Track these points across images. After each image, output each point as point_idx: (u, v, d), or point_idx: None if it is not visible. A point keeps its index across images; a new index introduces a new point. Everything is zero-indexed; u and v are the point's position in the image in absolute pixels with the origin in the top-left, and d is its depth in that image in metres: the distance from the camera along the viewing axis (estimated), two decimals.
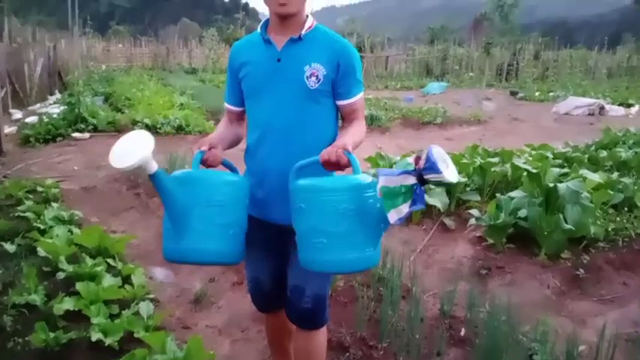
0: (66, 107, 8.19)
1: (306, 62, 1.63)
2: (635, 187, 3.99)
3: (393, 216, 1.37)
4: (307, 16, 1.69)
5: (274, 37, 1.68)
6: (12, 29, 10.96)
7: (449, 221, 3.95)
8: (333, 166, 1.51)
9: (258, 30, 1.72)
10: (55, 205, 4.26)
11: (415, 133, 8.99)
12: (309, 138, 1.66)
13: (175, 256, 1.58)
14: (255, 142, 1.73)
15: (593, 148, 5.85)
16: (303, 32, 1.65)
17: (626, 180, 4.07)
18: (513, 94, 17.67)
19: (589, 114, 12.24)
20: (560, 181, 3.33)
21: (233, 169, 1.78)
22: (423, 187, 1.37)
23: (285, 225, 1.70)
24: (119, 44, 26.11)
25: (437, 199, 3.84)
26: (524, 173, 3.63)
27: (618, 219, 3.65)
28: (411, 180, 1.35)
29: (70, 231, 3.66)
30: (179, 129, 7.93)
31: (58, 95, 12.23)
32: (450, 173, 1.33)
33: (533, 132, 8.99)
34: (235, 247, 1.61)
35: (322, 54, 1.64)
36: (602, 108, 12.57)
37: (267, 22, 1.72)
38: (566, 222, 3.12)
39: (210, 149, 1.64)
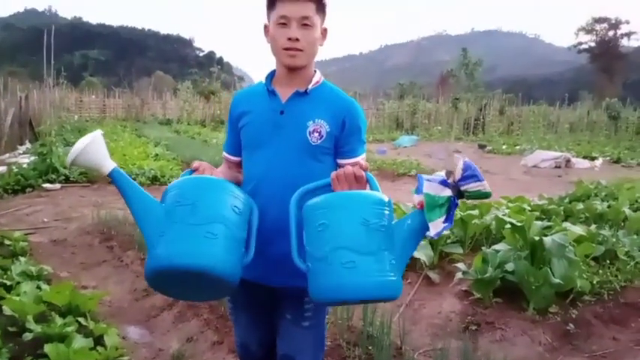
0: (37, 157, 7.99)
1: (310, 117, 1.57)
2: (614, 240, 4.05)
3: (432, 229, 1.30)
4: (315, 70, 1.65)
5: (279, 89, 1.62)
6: None
7: (433, 274, 3.91)
8: (345, 183, 1.41)
9: (263, 80, 1.68)
10: (22, 259, 4.04)
11: (391, 185, 9.06)
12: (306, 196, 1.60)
13: (150, 266, 1.36)
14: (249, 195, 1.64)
15: (567, 200, 5.97)
16: (310, 87, 1.60)
17: (604, 232, 4.13)
18: (482, 147, 18.20)
19: (556, 166, 12.64)
20: (545, 235, 3.35)
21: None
22: (457, 202, 1.31)
23: (276, 288, 1.63)
24: (92, 95, 26.01)
25: (421, 252, 3.81)
26: (507, 226, 3.65)
27: (601, 272, 3.67)
28: (447, 192, 1.29)
29: (39, 287, 3.45)
30: (154, 179, 7.80)
31: (28, 145, 11.97)
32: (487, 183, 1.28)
33: (506, 184, 9.18)
34: (212, 248, 1.33)
35: (327, 110, 1.59)
36: (568, 161, 13.02)
37: (272, 72, 1.67)
38: (554, 276, 3.11)
39: (200, 170, 1.59)
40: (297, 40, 1.52)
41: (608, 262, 3.84)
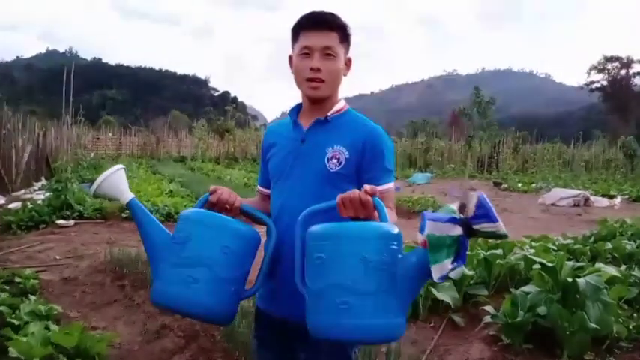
0: (51, 194, 7.99)
1: (329, 144, 1.55)
2: None
3: (436, 272, 1.17)
4: (341, 99, 1.63)
5: (303, 120, 1.63)
6: (2, 116, 11.00)
7: (458, 318, 3.72)
8: (351, 210, 1.31)
9: (287, 112, 1.69)
10: (32, 297, 3.95)
11: (407, 222, 8.83)
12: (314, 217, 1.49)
13: (152, 297, 1.44)
14: (269, 230, 1.59)
15: (592, 239, 5.77)
16: (330, 114, 1.58)
17: (636, 273, 3.93)
18: (497, 185, 18.01)
19: (574, 205, 12.39)
20: (578, 276, 3.17)
21: (257, 220, 1.59)
22: (468, 240, 1.18)
23: (296, 323, 1.49)
24: (109, 133, 26.45)
25: (446, 293, 3.63)
26: (536, 266, 3.48)
27: (636, 315, 3.46)
28: (458, 230, 1.16)
29: (47, 327, 3.33)
30: (168, 217, 7.72)
31: (44, 182, 12.07)
32: (502, 224, 1.15)
33: (525, 223, 8.97)
34: (216, 296, 1.37)
35: (347, 137, 1.55)
36: (586, 199, 12.77)
37: (299, 106, 1.67)
38: (589, 320, 2.92)
39: (217, 194, 1.52)
40: (319, 70, 1.52)
41: None
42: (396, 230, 1.28)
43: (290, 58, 1.61)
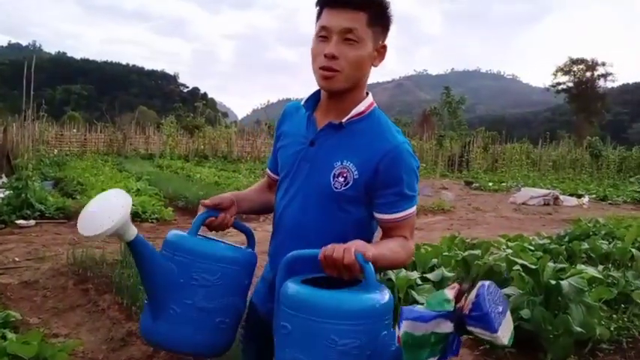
0: (11, 192, 7.58)
1: (337, 157, 1.31)
2: (625, 282, 3.84)
3: None
4: (368, 93, 1.37)
5: (319, 115, 1.38)
6: None
7: None
8: (334, 269, 1.11)
9: (302, 102, 1.43)
10: None
11: None
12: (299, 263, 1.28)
13: (148, 336, 1.33)
14: (273, 228, 1.48)
15: (566, 239, 5.80)
16: (345, 119, 1.32)
17: (614, 273, 3.93)
18: (468, 184, 18.21)
19: (544, 204, 12.60)
20: (560, 278, 3.12)
21: (248, 235, 1.50)
22: (460, 338, 1.00)
23: None
24: (73, 129, 25.61)
25: (424, 296, 3.54)
26: (516, 267, 3.42)
27: (616, 317, 3.44)
28: (447, 327, 0.97)
29: (4, 336, 3.10)
30: (135, 216, 7.43)
31: (4, 179, 11.52)
32: (505, 329, 0.96)
33: (498, 222, 9.04)
34: (219, 338, 1.33)
35: (360, 152, 1.30)
36: (556, 198, 13.00)
37: (318, 93, 1.40)
38: (573, 323, 2.87)
39: (216, 208, 1.40)
40: (335, 57, 1.25)
41: (622, 306, 3.62)
42: (383, 300, 1.08)
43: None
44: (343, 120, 1.32)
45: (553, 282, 3.00)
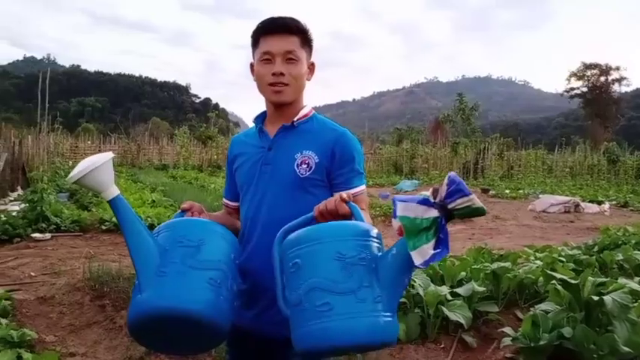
0: (27, 205, 7.55)
1: (297, 150, 1.52)
2: None
3: (417, 258, 1.10)
4: (305, 105, 1.60)
5: (269, 127, 1.59)
6: None
7: (469, 338, 3.45)
8: (329, 217, 1.29)
9: (252, 119, 1.65)
10: (4, 321, 3.59)
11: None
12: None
13: (138, 312, 1.23)
14: (242, 239, 1.57)
15: (596, 249, 5.58)
16: (295, 119, 1.55)
17: None
18: (485, 191, 17.93)
19: (565, 211, 12.31)
20: (601, 293, 2.93)
21: None
22: (446, 225, 1.12)
23: (274, 340, 1.47)
24: (88, 141, 25.83)
25: (457, 312, 3.37)
26: (552, 282, 3.23)
27: None
28: (433, 212, 1.11)
29: (20, 357, 3.01)
30: (151, 227, 7.26)
31: (19, 191, 11.57)
32: (475, 197, 1.09)
33: (521, 231, 8.81)
34: (213, 296, 1.24)
35: (315, 141, 1.53)
36: (577, 205, 12.70)
37: (264, 113, 1.63)
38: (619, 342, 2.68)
39: (191, 210, 1.51)
40: (282, 74, 1.49)
41: None
42: (374, 230, 1.24)
43: (252, 65, 1.57)
44: (294, 120, 1.55)
45: (595, 298, 2.82)
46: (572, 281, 2.95)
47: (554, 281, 3.21)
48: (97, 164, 1.26)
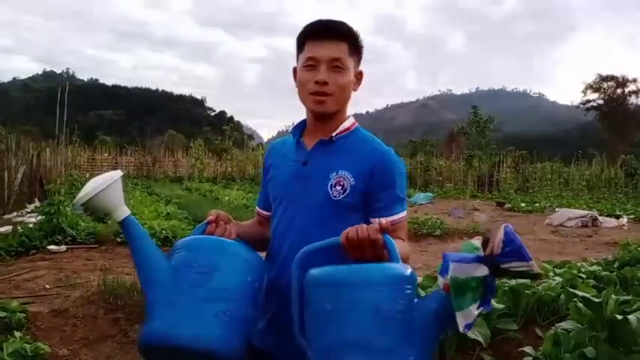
0: (43, 217, 7.63)
1: (333, 169, 1.40)
2: None
3: (461, 320, 1.03)
4: (349, 117, 1.49)
5: (307, 138, 1.48)
6: None
7: (488, 357, 3.37)
8: (359, 250, 1.15)
9: (289, 130, 1.56)
10: (18, 334, 3.59)
11: (416, 246, 8.54)
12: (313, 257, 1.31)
13: (146, 338, 1.17)
14: (270, 251, 1.49)
15: (616, 265, 5.45)
16: (334, 134, 1.43)
17: None
18: (500, 204, 17.75)
19: (582, 225, 12.10)
20: (625, 312, 2.85)
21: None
22: (495, 282, 1.05)
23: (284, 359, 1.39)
24: (105, 153, 26.19)
25: (477, 331, 3.28)
26: (575, 299, 3.15)
27: None
28: (483, 270, 1.03)
29: None
30: (165, 241, 7.37)
31: (37, 203, 11.71)
32: (535, 262, 1.02)
33: (538, 245, 8.66)
34: (220, 332, 1.16)
35: (354, 161, 1.40)
36: (594, 219, 12.48)
37: (303, 122, 1.52)
38: None
39: (217, 221, 1.40)
40: (326, 83, 1.38)
41: None
42: (408, 271, 1.11)
43: (294, 70, 1.47)
44: (333, 134, 1.43)
45: (619, 317, 2.73)
46: (595, 299, 2.87)
47: (575, 299, 3.12)
48: (104, 184, 1.20)
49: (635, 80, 54.83)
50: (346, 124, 1.46)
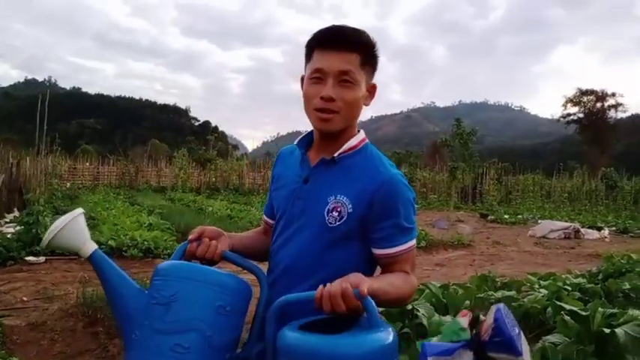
0: (22, 227, 7.44)
1: (331, 192, 1.28)
2: None
3: None
4: (359, 131, 1.36)
5: (312, 153, 1.37)
6: None
7: None
8: (332, 308, 1.04)
9: (295, 142, 1.42)
10: None
11: None
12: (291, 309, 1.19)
13: None
14: (268, 271, 1.39)
15: (600, 277, 5.49)
16: (337, 154, 1.30)
17: None
18: (484, 216, 17.87)
19: (565, 237, 12.24)
20: (612, 325, 2.84)
21: (248, 268, 1.33)
22: None
23: None
24: (86, 162, 25.78)
25: None
26: (562, 312, 3.14)
27: None
28: (468, 357, 0.96)
29: None
30: (147, 252, 7.24)
31: (16, 213, 11.44)
32: (525, 350, 0.94)
33: (522, 257, 8.72)
34: None
35: (354, 186, 1.27)
36: (577, 231, 12.63)
37: (310, 134, 1.40)
38: None
39: (200, 238, 1.30)
40: (332, 99, 1.25)
41: None
42: (389, 339, 1.00)
43: (302, 79, 1.34)
44: (335, 154, 1.30)
45: (606, 330, 2.73)
46: (582, 313, 2.86)
47: (562, 312, 3.12)
48: (63, 223, 1.20)
49: (614, 94, 56.11)
50: (353, 141, 1.33)
